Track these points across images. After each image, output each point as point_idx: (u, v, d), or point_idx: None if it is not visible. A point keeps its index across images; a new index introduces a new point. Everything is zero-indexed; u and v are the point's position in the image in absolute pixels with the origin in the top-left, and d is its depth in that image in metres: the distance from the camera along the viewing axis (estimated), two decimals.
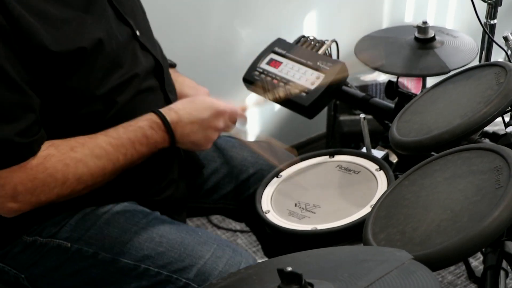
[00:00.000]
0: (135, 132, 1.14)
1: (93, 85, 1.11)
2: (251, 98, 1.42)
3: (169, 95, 1.28)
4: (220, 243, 1.19)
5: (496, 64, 1.17)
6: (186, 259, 1.15)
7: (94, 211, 1.19)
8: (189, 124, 1.18)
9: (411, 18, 2.52)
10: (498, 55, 1.85)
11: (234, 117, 1.27)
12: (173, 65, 1.47)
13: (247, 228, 1.76)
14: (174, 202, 1.31)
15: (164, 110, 1.18)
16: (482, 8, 1.57)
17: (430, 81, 1.56)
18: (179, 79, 1.43)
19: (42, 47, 1.03)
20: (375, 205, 1.01)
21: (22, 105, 1.04)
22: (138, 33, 1.22)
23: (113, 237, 1.17)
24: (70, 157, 1.08)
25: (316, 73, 1.53)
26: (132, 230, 1.17)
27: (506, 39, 1.49)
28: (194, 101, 1.23)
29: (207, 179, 1.43)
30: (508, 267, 0.94)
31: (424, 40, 1.48)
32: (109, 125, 1.15)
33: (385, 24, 2.46)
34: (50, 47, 1.03)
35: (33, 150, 1.05)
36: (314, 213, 1.13)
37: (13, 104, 1.02)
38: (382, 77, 2.30)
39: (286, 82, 1.53)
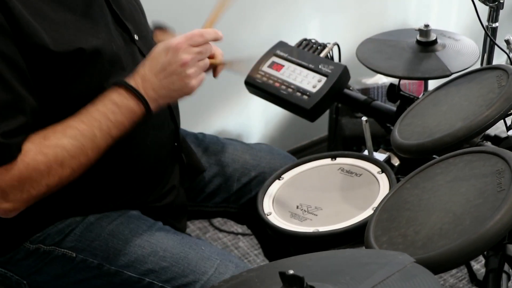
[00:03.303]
0: (103, 103, 1.09)
1: (97, 87, 1.11)
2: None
3: None
4: (223, 259, 1.19)
5: (497, 67, 1.17)
6: (189, 275, 1.16)
7: (99, 221, 1.19)
8: (153, 77, 1.10)
9: (413, 21, 2.52)
10: (500, 58, 1.85)
11: (197, 40, 1.13)
12: (163, 27, 1.45)
13: (248, 231, 1.76)
14: (175, 209, 1.31)
15: (126, 78, 1.13)
16: (484, 11, 1.57)
17: (432, 84, 1.56)
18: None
19: (42, 46, 1.02)
20: (377, 207, 1.01)
21: (13, 106, 1.02)
22: (136, 37, 1.21)
23: (117, 249, 1.17)
24: (46, 145, 1.06)
25: (318, 76, 1.53)
26: (136, 242, 1.17)
27: (508, 42, 1.49)
28: (149, 54, 1.14)
29: (208, 182, 1.43)
30: (510, 270, 0.94)
31: (425, 43, 1.49)
32: None
33: (387, 27, 2.46)
34: (50, 46, 1.03)
35: (14, 153, 1.03)
36: (316, 215, 1.13)
37: (2, 104, 1.01)
38: (384, 80, 2.30)
39: (288, 85, 1.54)
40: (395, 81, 1.52)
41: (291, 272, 0.66)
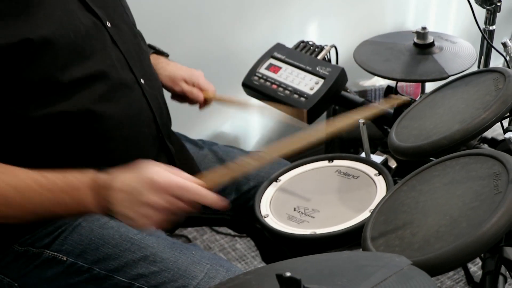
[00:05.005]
0: (65, 179, 1.05)
1: (52, 78, 1.07)
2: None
3: (143, 89, 1.23)
4: (214, 263, 1.18)
5: (494, 70, 1.18)
6: (179, 280, 1.15)
7: (89, 225, 1.18)
8: (118, 191, 1.03)
9: (410, 23, 2.52)
10: (497, 61, 1.86)
11: (183, 194, 1.03)
12: (164, 54, 1.45)
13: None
14: None
15: (101, 173, 1.06)
16: (481, 14, 1.57)
17: (429, 87, 1.56)
18: (172, 64, 1.42)
19: None
20: (374, 210, 1.01)
21: None
22: (108, 24, 1.18)
23: (107, 254, 1.16)
24: None
25: (315, 78, 1.53)
26: (126, 247, 1.17)
27: (504, 45, 1.49)
28: (136, 168, 1.06)
29: None
30: (507, 272, 0.94)
31: (423, 46, 1.49)
32: (79, 131, 1.11)
33: (384, 30, 2.47)
34: None
35: None
36: (313, 217, 1.13)
37: None
38: (381, 82, 2.31)
39: (285, 87, 1.54)
40: (392, 83, 1.53)
41: (288, 274, 0.66)
